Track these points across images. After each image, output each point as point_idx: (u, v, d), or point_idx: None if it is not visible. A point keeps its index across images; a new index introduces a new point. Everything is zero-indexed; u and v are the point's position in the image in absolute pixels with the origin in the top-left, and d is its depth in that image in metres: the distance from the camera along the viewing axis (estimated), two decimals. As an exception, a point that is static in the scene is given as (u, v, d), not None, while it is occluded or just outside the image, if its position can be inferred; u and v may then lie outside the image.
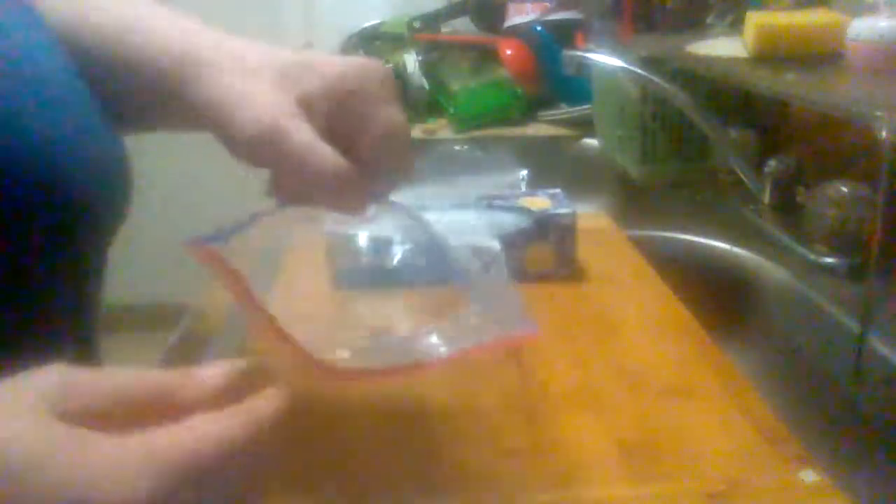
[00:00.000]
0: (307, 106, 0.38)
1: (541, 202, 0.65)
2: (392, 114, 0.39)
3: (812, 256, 0.72)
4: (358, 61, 0.40)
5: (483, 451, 0.43)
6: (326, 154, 0.36)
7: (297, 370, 0.37)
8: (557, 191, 0.68)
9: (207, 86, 0.38)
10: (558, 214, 0.64)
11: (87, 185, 0.39)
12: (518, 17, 1.39)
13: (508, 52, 1.29)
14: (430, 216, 0.61)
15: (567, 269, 0.65)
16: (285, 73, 0.38)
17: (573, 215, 0.64)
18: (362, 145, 0.39)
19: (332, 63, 0.39)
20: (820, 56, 0.68)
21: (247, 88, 0.37)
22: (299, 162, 0.36)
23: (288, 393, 0.32)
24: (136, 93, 0.42)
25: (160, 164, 1.58)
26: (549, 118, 1.30)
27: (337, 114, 0.39)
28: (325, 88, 0.38)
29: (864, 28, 0.62)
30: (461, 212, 0.64)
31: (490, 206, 0.65)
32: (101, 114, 0.41)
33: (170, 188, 2.02)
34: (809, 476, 0.41)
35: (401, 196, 0.43)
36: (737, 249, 0.79)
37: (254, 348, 0.53)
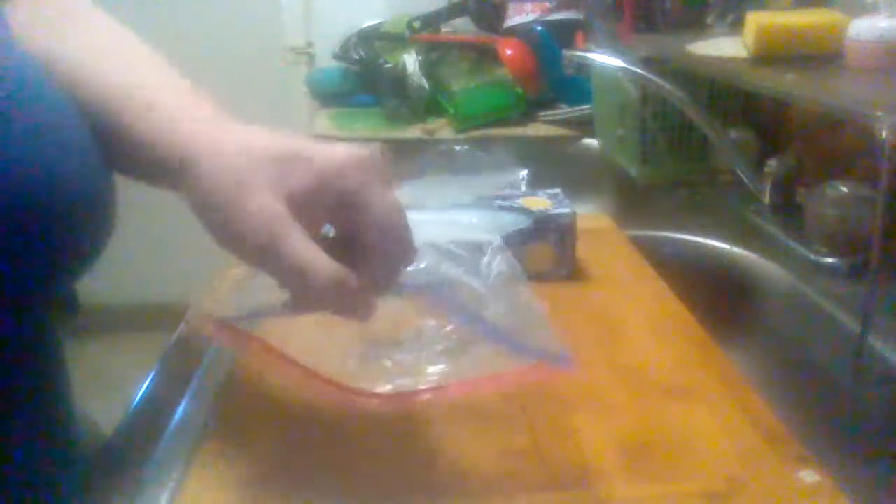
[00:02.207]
0: (302, 204, 0.37)
1: (541, 202, 0.65)
2: (389, 201, 0.38)
3: (812, 256, 0.72)
4: (354, 154, 0.38)
5: (483, 451, 0.43)
6: (322, 265, 0.36)
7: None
8: (557, 191, 0.68)
9: (205, 179, 0.37)
10: (558, 214, 0.64)
11: (72, 203, 0.37)
12: (518, 17, 1.39)
13: (508, 52, 1.29)
14: (430, 216, 0.61)
15: (566, 269, 0.65)
16: (281, 169, 0.37)
17: (573, 215, 0.64)
18: (360, 235, 0.38)
19: (328, 157, 0.37)
20: (820, 56, 0.68)
21: (241, 193, 0.36)
22: (296, 275, 0.36)
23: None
24: (126, 156, 0.41)
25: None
26: (549, 118, 1.30)
27: (333, 208, 0.38)
28: (321, 186, 0.37)
29: (864, 28, 0.62)
30: (461, 211, 0.64)
31: (490, 206, 0.65)
32: (85, 134, 0.39)
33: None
34: (809, 476, 0.41)
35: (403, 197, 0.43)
36: (737, 249, 0.79)
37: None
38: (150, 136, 0.39)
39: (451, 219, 0.61)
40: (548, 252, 0.64)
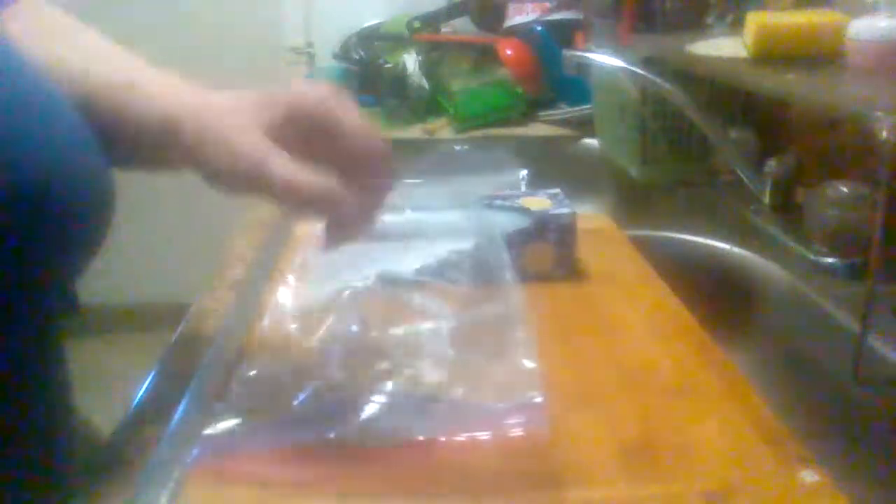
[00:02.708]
0: (278, 135, 0.42)
1: (541, 202, 0.65)
2: (359, 124, 0.44)
3: (812, 256, 0.72)
4: (320, 87, 0.44)
5: (483, 450, 0.43)
6: (308, 175, 0.41)
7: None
8: (557, 191, 0.68)
9: (192, 133, 0.42)
10: (558, 214, 0.64)
11: (73, 198, 0.38)
12: (518, 17, 1.39)
13: (508, 52, 1.29)
14: (425, 216, 0.62)
15: (566, 269, 0.65)
16: (259, 109, 0.43)
17: (573, 215, 0.64)
18: (341, 158, 0.43)
19: (300, 92, 0.44)
20: (820, 56, 0.68)
21: (224, 133, 0.41)
22: (286, 187, 0.40)
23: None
24: (123, 140, 0.44)
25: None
26: (549, 118, 1.30)
27: (308, 136, 0.43)
28: (296, 116, 0.43)
29: (864, 28, 0.62)
30: (458, 212, 0.64)
31: (490, 206, 0.65)
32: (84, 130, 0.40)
33: (170, 188, 2.02)
34: (809, 476, 0.41)
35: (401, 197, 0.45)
36: (737, 249, 0.79)
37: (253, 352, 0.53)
38: (136, 111, 0.43)
39: (444, 220, 0.61)
40: (547, 252, 0.64)
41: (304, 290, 0.56)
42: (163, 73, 0.47)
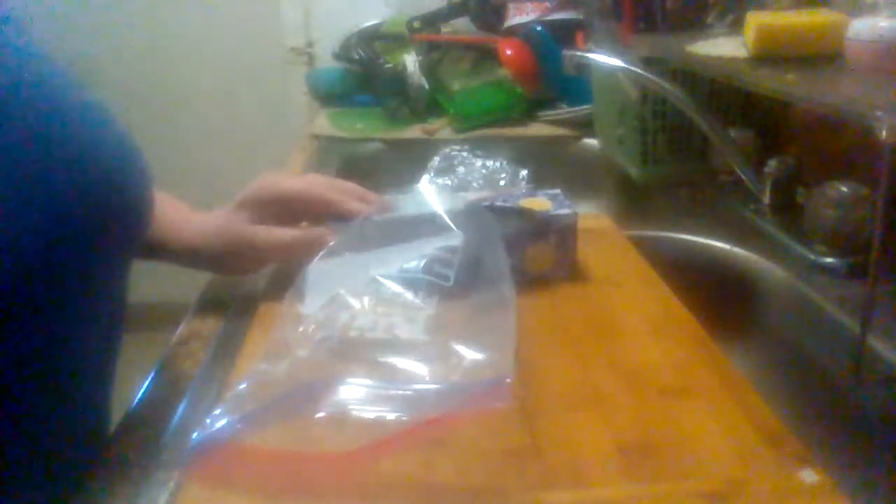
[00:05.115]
0: (265, 216, 0.62)
1: (541, 203, 0.65)
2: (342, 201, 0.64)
3: (812, 256, 0.72)
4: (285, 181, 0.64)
5: (483, 450, 0.43)
6: (290, 232, 0.62)
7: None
8: (558, 192, 0.68)
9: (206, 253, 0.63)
10: (559, 215, 0.64)
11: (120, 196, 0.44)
12: (518, 17, 1.39)
13: (508, 52, 1.29)
14: (419, 216, 0.62)
15: (566, 270, 0.65)
16: (246, 214, 0.62)
17: (574, 216, 0.64)
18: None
19: (264, 236, 0.62)
20: (820, 56, 0.67)
21: (248, 239, 0.62)
22: (268, 245, 0.61)
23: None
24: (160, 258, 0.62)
25: (160, 165, 1.58)
26: (549, 118, 1.29)
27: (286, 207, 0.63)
28: (271, 202, 0.63)
29: (864, 28, 0.62)
30: (453, 212, 0.64)
31: (490, 208, 0.65)
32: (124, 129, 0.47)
33: (169, 188, 2.02)
34: (809, 476, 0.41)
35: None
36: (737, 249, 0.79)
37: (253, 352, 0.53)
38: (160, 240, 0.62)
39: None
40: (548, 253, 0.64)
41: (302, 293, 0.56)
42: (175, 204, 0.65)
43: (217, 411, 0.44)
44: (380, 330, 0.53)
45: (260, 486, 0.41)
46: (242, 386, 0.47)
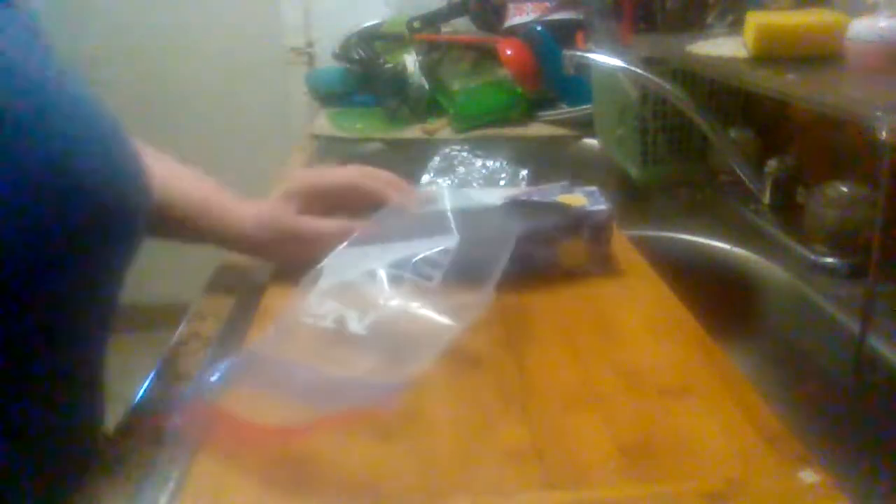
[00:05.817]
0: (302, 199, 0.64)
1: (577, 199, 0.66)
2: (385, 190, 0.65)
3: (812, 256, 0.72)
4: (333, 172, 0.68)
5: (483, 451, 0.43)
6: (329, 223, 0.63)
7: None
8: (594, 189, 0.69)
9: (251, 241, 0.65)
10: (594, 212, 0.64)
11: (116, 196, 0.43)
12: (518, 17, 1.39)
13: (508, 52, 1.29)
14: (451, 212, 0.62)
15: (600, 265, 0.65)
16: (290, 204, 0.64)
17: (609, 212, 0.65)
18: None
19: (311, 225, 0.64)
20: (820, 56, 0.68)
21: (291, 226, 0.64)
22: (317, 237, 0.62)
23: None
24: (188, 239, 0.65)
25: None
26: (549, 118, 1.29)
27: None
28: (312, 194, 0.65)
29: (864, 28, 0.62)
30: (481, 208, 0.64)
31: (526, 203, 0.65)
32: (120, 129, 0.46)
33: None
34: (809, 476, 0.41)
35: None
36: (737, 249, 0.79)
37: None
38: (209, 221, 0.64)
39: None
40: (581, 248, 0.65)
41: (316, 279, 0.56)
42: (225, 193, 0.65)
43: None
44: (329, 320, 0.53)
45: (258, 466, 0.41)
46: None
